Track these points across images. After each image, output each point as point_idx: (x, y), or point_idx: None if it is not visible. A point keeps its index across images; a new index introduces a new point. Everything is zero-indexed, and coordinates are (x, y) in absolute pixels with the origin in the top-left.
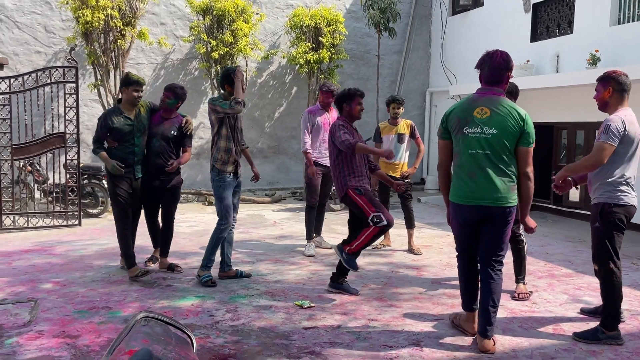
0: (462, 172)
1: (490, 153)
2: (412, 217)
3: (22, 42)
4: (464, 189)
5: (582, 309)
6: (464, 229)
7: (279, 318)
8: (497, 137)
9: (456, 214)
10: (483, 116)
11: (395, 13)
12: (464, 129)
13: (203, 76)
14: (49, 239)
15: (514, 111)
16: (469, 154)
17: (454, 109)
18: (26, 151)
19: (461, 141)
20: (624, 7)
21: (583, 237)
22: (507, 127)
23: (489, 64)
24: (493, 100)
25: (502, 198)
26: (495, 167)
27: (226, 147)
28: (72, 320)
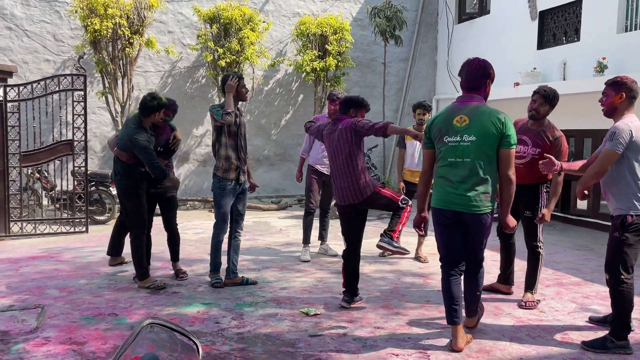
0: (442, 178)
1: (469, 161)
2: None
3: (32, 50)
4: (442, 195)
5: (590, 318)
6: (445, 233)
7: (284, 326)
8: (476, 145)
9: (437, 219)
10: (462, 124)
11: (401, 21)
12: (444, 137)
13: (210, 84)
14: (56, 245)
15: (494, 116)
16: (448, 162)
17: (436, 118)
18: (34, 158)
19: (442, 149)
20: (630, 15)
21: (591, 246)
22: (487, 133)
23: (466, 70)
24: (472, 108)
25: (475, 206)
26: (472, 175)
27: (226, 155)
28: (79, 326)
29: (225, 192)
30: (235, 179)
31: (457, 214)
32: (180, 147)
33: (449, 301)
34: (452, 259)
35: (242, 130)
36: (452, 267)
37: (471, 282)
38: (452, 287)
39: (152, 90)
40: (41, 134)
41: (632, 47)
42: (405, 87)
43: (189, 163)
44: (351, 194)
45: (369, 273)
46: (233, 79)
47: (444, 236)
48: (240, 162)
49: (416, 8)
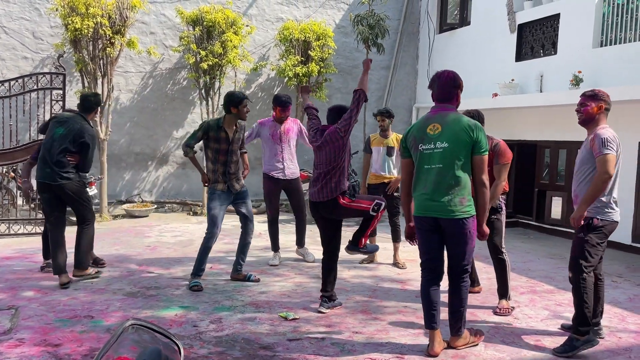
0: (419, 186)
1: (442, 166)
2: (399, 230)
3: (9, 47)
4: (419, 202)
5: (562, 325)
6: (425, 240)
7: (263, 329)
8: (449, 151)
9: (417, 225)
10: (435, 132)
11: (384, 29)
12: (419, 145)
13: (192, 86)
14: (31, 246)
15: (465, 124)
16: (424, 169)
17: (411, 128)
18: (10, 157)
19: (418, 158)
20: (606, 31)
21: (564, 254)
22: (459, 139)
23: (437, 83)
24: (444, 116)
25: (451, 211)
26: (446, 180)
27: (212, 169)
28: (54, 328)
29: (214, 195)
30: (224, 190)
31: (435, 220)
32: (160, 148)
33: (427, 306)
34: (432, 265)
35: (235, 147)
36: (431, 273)
37: (453, 294)
38: (431, 292)
39: (133, 90)
40: (17, 132)
41: (606, 61)
42: (386, 95)
43: (168, 165)
44: (322, 194)
45: (348, 278)
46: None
47: (424, 242)
48: (227, 176)
49: (398, 17)
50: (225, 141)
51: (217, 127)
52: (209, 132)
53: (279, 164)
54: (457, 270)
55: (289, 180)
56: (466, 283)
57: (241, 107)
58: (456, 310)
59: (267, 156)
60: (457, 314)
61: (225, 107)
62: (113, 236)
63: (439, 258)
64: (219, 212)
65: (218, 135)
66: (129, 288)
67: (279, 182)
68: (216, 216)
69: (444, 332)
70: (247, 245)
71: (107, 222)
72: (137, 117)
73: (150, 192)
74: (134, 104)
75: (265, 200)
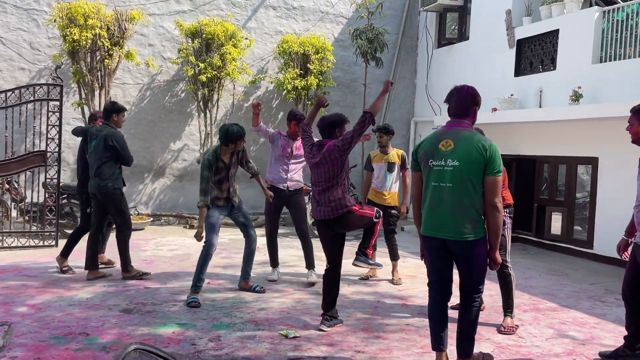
0: (426, 204)
1: (452, 186)
2: (396, 249)
3: (6, 58)
4: (427, 221)
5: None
6: (433, 260)
7: (263, 348)
8: (460, 170)
9: (425, 246)
10: (447, 148)
11: (382, 43)
12: (429, 161)
13: (190, 98)
14: (24, 259)
15: (478, 142)
16: (432, 186)
17: (423, 142)
18: (5, 169)
19: (427, 173)
20: (605, 46)
21: (565, 270)
22: (470, 158)
23: (456, 97)
24: (458, 132)
25: (459, 232)
26: (456, 200)
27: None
28: (48, 346)
29: (213, 205)
30: (225, 205)
31: (442, 241)
32: (157, 161)
33: (434, 327)
34: (440, 285)
35: (233, 170)
36: (439, 293)
37: (463, 315)
38: (439, 313)
39: (131, 102)
40: (13, 143)
41: (606, 77)
42: (385, 109)
43: (165, 178)
44: (328, 210)
45: (348, 295)
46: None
47: (432, 262)
48: (228, 194)
49: (397, 31)
50: (225, 169)
51: (216, 159)
52: (212, 167)
53: (283, 173)
54: (468, 289)
55: (291, 192)
56: (477, 304)
57: (239, 143)
58: (465, 332)
59: (272, 165)
60: (466, 336)
61: (223, 141)
62: (108, 250)
63: (447, 278)
64: (217, 221)
65: (217, 167)
66: (125, 304)
67: (281, 196)
68: (214, 224)
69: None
70: (252, 254)
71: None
72: (134, 129)
73: (147, 205)
74: (131, 116)
75: (265, 214)
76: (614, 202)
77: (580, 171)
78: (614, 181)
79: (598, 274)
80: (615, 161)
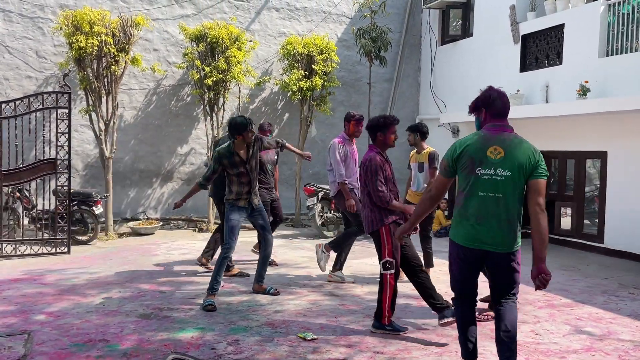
0: (470, 213)
1: (502, 196)
2: (431, 255)
3: (13, 66)
4: (469, 232)
5: None
6: (466, 270)
7: (282, 351)
8: (510, 179)
9: (460, 256)
10: (497, 157)
11: (386, 42)
12: (477, 169)
13: (196, 102)
14: (38, 267)
15: (529, 149)
16: (479, 196)
17: (464, 146)
18: (16, 177)
19: (472, 182)
20: (612, 40)
21: (577, 266)
22: (521, 167)
23: (500, 99)
24: (506, 139)
25: (506, 245)
26: (505, 212)
27: (237, 191)
28: (69, 354)
29: (234, 208)
30: (245, 206)
31: (485, 253)
32: (164, 165)
33: (464, 335)
34: (468, 294)
35: (253, 164)
36: (467, 301)
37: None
38: (469, 321)
39: (137, 107)
40: (23, 152)
41: (613, 71)
42: (390, 107)
43: (173, 182)
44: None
45: (362, 295)
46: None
47: (464, 273)
48: (251, 194)
49: (400, 29)
50: (242, 163)
51: (229, 154)
52: (223, 161)
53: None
54: (504, 295)
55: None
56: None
57: (245, 134)
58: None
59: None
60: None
61: (231, 134)
62: (120, 255)
63: (475, 287)
64: (237, 224)
65: (232, 161)
66: (141, 309)
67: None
68: (234, 227)
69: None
70: (267, 257)
71: (113, 240)
72: (141, 134)
73: (156, 209)
74: (138, 121)
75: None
76: (623, 195)
77: (587, 165)
78: (624, 175)
79: (610, 268)
80: (624, 155)
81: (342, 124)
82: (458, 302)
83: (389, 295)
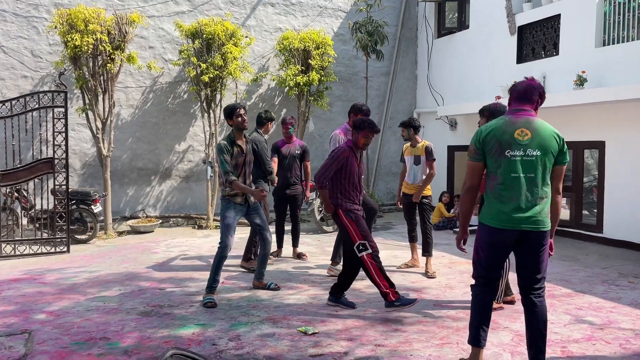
0: (503, 195)
1: (534, 176)
2: (431, 243)
3: (8, 66)
4: (503, 213)
5: None
6: (497, 254)
7: (283, 346)
8: (540, 159)
9: (493, 239)
10: (524, 138)
11: (382, 36)
12: (505, 151)
13: (193, 99)
14: (38, 267)
15: (553, 132)
16: (511, 177)
17: (490, 130)
18: (14, 177)
19: (503, 164)
20: (608, 29)
21: (577, 256)
22: (549, 147)
23: (525, 83)
24: (530, 121)
25: (541, 222)
26: (537, 190)
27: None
28: (70, 352)
29: (230, 205)
30: (242, 202)
31: (520, 233)
32: (163, 163)
33: (480, 320)
34: (492, 279)
35: (249, 158)
36: (489, 286)
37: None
38: (487, 305)
39: (134, 105)
40: (20, 152)
41: (610, 60)
42: (387, 101)
43: (171, 179)
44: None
45: (363, 289)
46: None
47: (494, 257)
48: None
49: (396, 23)
50: (241, 154)
51: (231, 143)
52: (228, 148)
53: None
54: (534, 285)
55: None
56: (543, 300)
57: (235, 118)
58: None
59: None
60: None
61: (227, 119)
62: (120, 253)
63: (500, 273)
64: (233, 222)
65: (233, 151)
66: (142, 307)
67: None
68: (230, 225)
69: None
70: (266, 256)
71: (112, 238)
72: (138, 132)
73: (155, 207)
74: (135, 119)
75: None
76: (622, 185)
77: (585, 155)
78: (622, 164)
79: (609, 258)
80: (622, 144)
81: (339, 118)
82: (480, 289)
83: (376, 273)
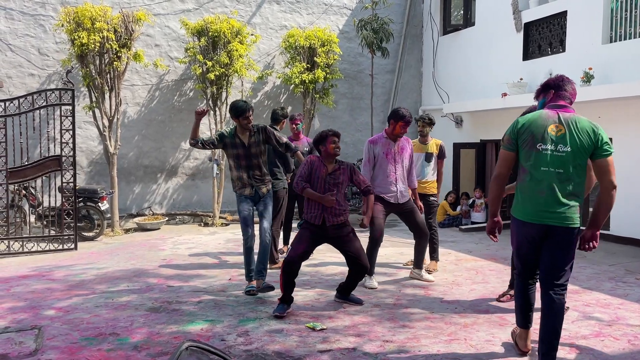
0: (531, 189)
1: (563, 172)
2: (437, 249)
3: (16, 64)
4: (532, 207)
5: None
6: (528, 247)
7: (292, 341)
8: (571, 156)
9: (521, 232)
10: (558, 133)
11: (388, 33)
12: (537, 145)
13: (199, 97)
14: (46, 263)
15: (589, 127)
16: (540, 171)
17: (525, 122)
18: (22, 175)
19: (533, 157)
20: (615, 26)
21: (583, 253)
22: (582, 144)
23: (571, 85)
24: (566, 117)
25: (568, 218)
26: (565, 186)
27: (237, 176)
28: (80, 347)
29: (241, 198)
30: (252, 194)
31: (548, 228)
32: (169, 160)
33: (525, 306)
34: (530, 271)
35: (253, 151)
36: (530, 277)
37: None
38: (530, 294)
39: (140, 103)
40: (27, 149)
41: (617, 57)
42: (392, 99)
43: (178, 177)
44: None
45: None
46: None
47: (527, 251)
48: (253, 180)
49: (402, 20)
50: (242, 146)
51: (232, 135)
52: (225, 139)
53: (392, 186)
54: (555, 282)
55: (400, 204)
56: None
57: (241, 120)
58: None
59: (379, 178)
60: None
61: (231, 116)
62: (127, 250)
63: (537, 263)
64: (249, 214)
65: (234, 141)
66: (150, 303)
67: (390, 205)
68: (246, 218)
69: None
70: (265, 246)
71: (119, 236)
72: (145, 130)
73: (161, 205)
74: (141, 117)
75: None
76: (629, 182)
77: None
78: (629, 161)
79: (616, 254)
80: (629, 141)
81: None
82: (520, 278)
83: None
